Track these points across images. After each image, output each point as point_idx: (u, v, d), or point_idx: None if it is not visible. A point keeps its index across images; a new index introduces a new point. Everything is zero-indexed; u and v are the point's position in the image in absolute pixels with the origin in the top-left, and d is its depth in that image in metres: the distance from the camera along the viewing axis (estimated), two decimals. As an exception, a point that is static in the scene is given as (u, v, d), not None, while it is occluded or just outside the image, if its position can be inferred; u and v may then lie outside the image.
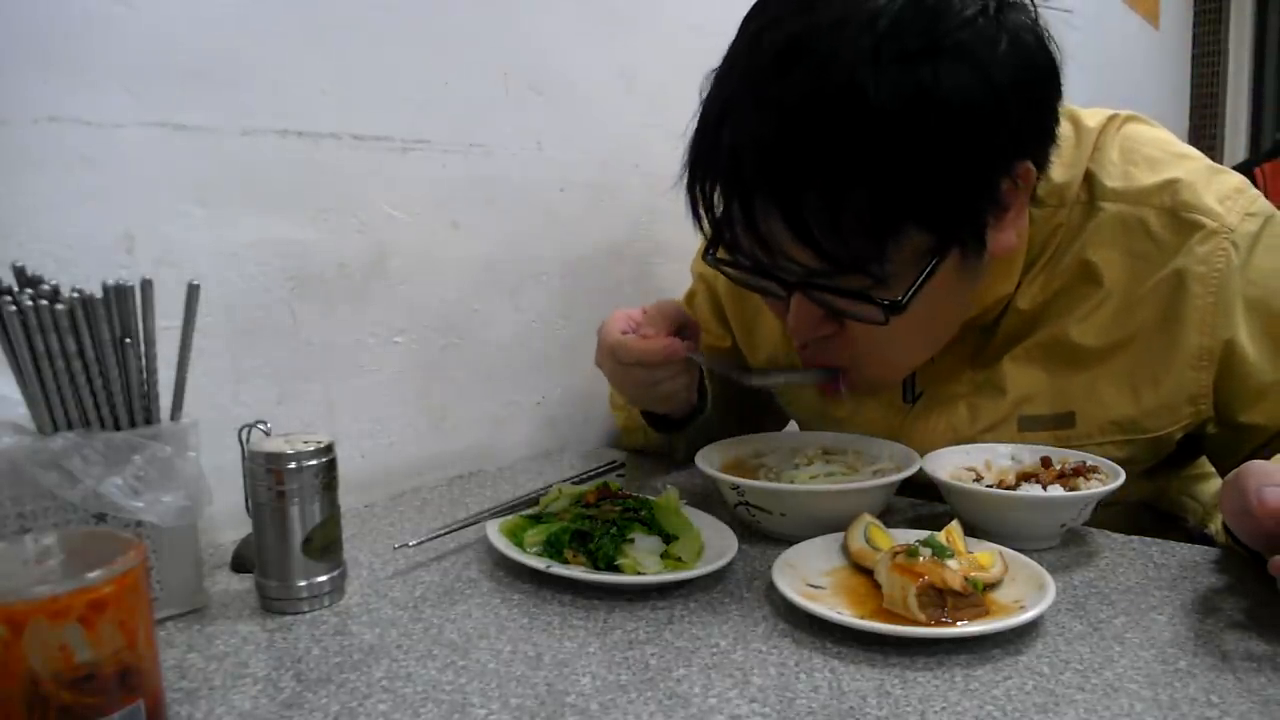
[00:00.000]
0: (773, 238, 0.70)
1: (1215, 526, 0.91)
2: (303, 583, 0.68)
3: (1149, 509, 0.95)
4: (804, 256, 0.70)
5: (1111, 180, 0.81)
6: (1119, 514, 0.87)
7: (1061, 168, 0.81)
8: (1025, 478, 0.79)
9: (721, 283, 1.02)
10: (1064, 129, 0.82)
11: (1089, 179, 0.82)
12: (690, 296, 1.11)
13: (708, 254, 0.79)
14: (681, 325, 0.87)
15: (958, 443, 0.86)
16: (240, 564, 0.76)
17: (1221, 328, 0.78)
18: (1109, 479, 0.77)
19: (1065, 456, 0.81)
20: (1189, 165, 0.81)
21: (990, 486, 0.78)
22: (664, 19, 1.28)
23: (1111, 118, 0.84)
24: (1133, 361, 0.80)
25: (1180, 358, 0.79)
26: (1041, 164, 0.75)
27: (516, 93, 1.09)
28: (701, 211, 0.75)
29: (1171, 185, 0.79)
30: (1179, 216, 0.78)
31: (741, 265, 0.76)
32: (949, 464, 0.83)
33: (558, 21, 1.13)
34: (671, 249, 1.33)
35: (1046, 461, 0.81)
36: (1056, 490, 0.76)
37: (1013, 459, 0.84)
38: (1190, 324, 0.78)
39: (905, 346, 0.79)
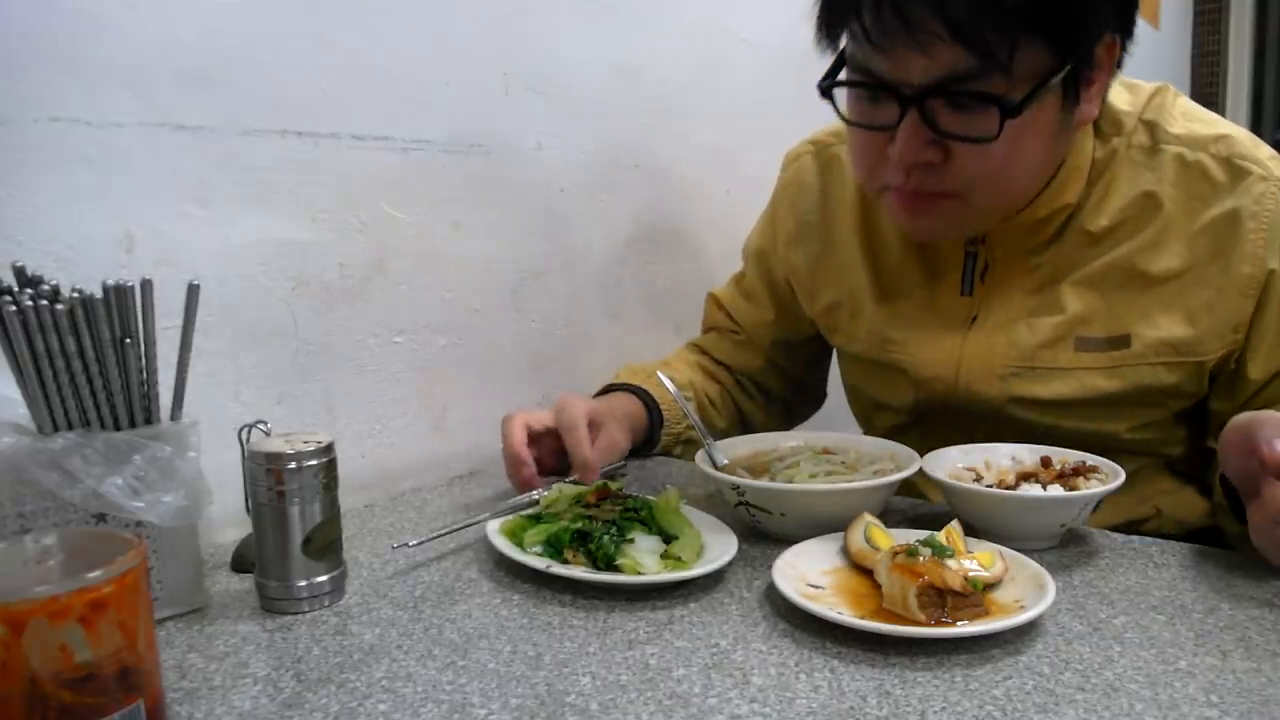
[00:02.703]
0: (921, 33, 0.73)
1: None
2: (303, 583, 0.68)
3: (1171, 468, 0.97)
4: (943, 55, 0.74)
5: (1174, 128, 0.88)
6: (1150, 468, 0.93)
7: (1119, 104, 0.89)
8: (1025, 478, 0.79)
9: (781, 241, 1.07)
10: (1117, 89, 0.89)
11: (1150, 126, 0.89)
12: (739, 278, 1.16)
13: (824, 81, 0.83)
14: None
15: (1020, 359, 0.89)
16: (240, 564, 0.76)
17: (1270, 259, 0.85)
18: (1109, 479, 0.77)
19: (1065, 456, 0.82)
20: (1237, 129, 0.90)
21: (990, 486, 0.79)
22: (664, 18, 1.28)
23: (1166, 86, 0.92)
24: (1188, 289, 0.86)
25: (1232, 285, 0.85)
26: (1122, 53, 0.82)
27: (516, 93, 1.09)
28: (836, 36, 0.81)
29: (1226, 138, 0.87)
30: (1233, 163, 0.86)
31: (863, 84, 0.80)
32: (949, 464, 0.83)
33: (558, 21, 1.13)
34: (671, 249, 1.33)
35: (1046, 461, 0.81)
36: (1056, 490, 0.76)
37: (1013, 459, 0.84)
38: (1243, 256, 0.85)
39: (1005, 176, 0.82)
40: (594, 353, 1.24)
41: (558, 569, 0.71)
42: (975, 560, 0.69)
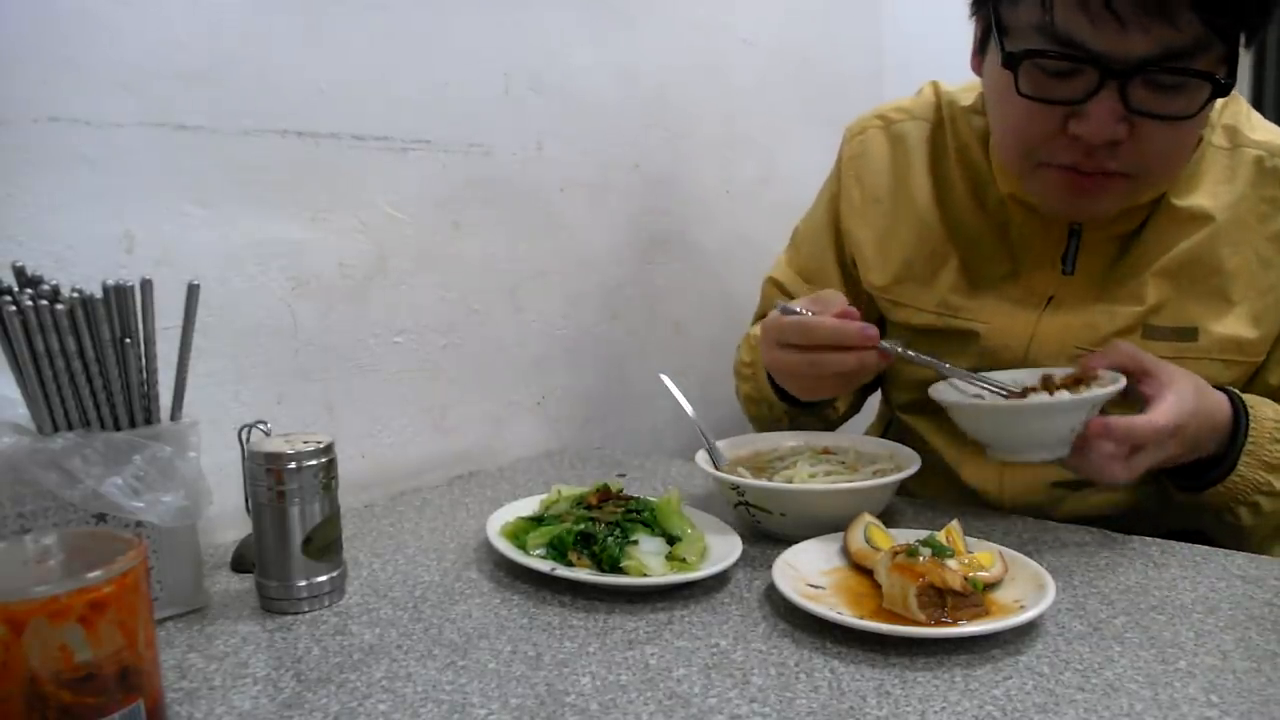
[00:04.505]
0: (1172, 5, 0.73)
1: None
2: (303, 583, 0.68)
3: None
4: (1187, 27, 0.73)
5: (1254, 134, 0.91)
6: None
7: None
8: (1030, 392, 0.79)
9: (844, 213, 1.05)
10: None
11: (1231, 130, 0.91)
12: (792, 258, 1.12)
13: (1016, 50, 0.80)
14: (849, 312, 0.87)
15: (1092, 341, 0.89)
16: (240, 564, 0.76)
17: None
18: (1109, 384, 0.77)
19: (1065, 375, 0.82)
20: None
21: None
22: (664, 19, 1.28)
23: (1237, 96, 0.92)
24: (1256, 290, 0.88)
25: None
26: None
27: (516, 93, 1.09)
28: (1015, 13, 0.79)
29: None
30: None
31: (1070, 55, 0.77)
32: (952, 393, 0.83)
33: (558, 21, 1.13)
34: (671, 249, 1.33)
35: (1047, 379, 0.82)
36: (1065, 395, 0.76)
37: (1012, 381, 0.84)
38: None
39: (1179, 156, 0.85)
40: (594, 353, 1.24)
41: (562, 571, 0.71)
42: (975, 560, 0.69)
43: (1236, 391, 0.83)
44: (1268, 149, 0.89)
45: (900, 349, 0.83)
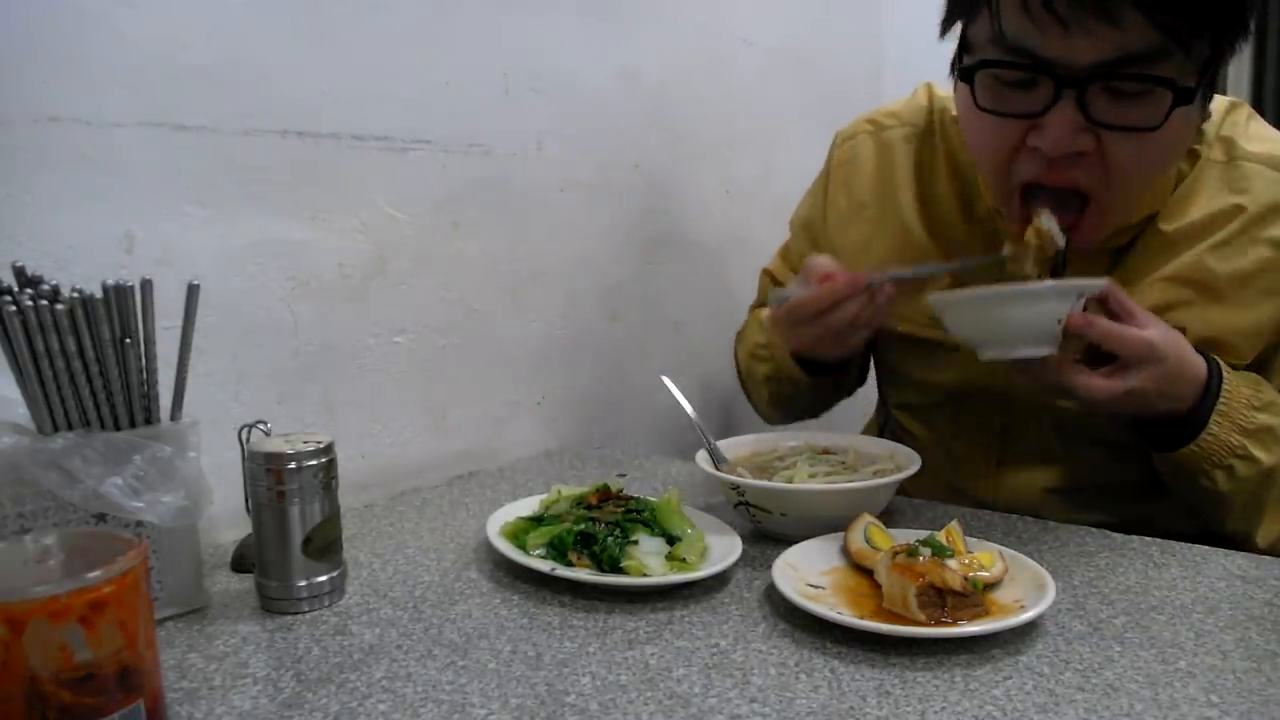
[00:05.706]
0: (1113, 3, 0.71)
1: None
2: (303, 583, 0.68)
3: None
4: (1132, 30, 0.72)
5: (1250, 145, 0.90)
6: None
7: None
8: None
9: (831, 220, 1.06)
10: None
11: (1227, 142, 0.90)
12: (785, 252, 1.15)
13: (969, 62, 0.80)
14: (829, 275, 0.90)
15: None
16: (240, 564, 0.76)
17: None
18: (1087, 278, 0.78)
19: None
20: None
21: None
22: (664, 19, 1.28)
23: (1241, 103, 0.93)
24: (1249, 295, 0.87)
25: None
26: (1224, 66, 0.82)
27: (516, 93, 1.09)
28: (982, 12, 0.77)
29: None
30: None
31: (1020, 64, 0.76)
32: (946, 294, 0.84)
33: (558, 21, 1.13)
34: (671, 249, 1.33)
35: None
36: (1049, 280, 0.77)
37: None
38: None
39: (1151, 171, 0.83)
40: (594, 353, 1.24)
41: (562, 571, 0.71)
42: (975, 560, 0.69)
43: (1215, 357, 0.83)
44: (1265, 160, 0.88)
45: (886, 275, 0.84)
